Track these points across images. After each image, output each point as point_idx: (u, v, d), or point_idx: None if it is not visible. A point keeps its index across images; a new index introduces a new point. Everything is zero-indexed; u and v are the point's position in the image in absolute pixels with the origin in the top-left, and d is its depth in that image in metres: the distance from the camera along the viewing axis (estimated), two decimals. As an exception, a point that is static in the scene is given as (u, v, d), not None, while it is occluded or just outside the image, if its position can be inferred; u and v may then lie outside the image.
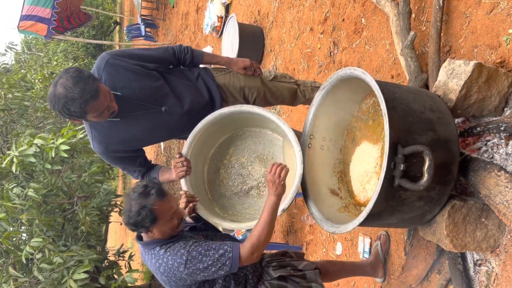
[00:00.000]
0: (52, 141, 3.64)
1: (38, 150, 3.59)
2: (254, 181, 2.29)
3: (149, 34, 11.71)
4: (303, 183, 1.96)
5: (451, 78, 1.69)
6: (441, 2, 2.00)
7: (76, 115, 1.75)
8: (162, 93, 1.98)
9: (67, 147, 3.59)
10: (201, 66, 2.23)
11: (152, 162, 2.25)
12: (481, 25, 1.87)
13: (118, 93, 1.86)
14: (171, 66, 2.12)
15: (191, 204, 1.96)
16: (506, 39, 1.73)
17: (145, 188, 1.65)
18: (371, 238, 2.55)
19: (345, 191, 2.05)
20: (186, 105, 2.05)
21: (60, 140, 3.61)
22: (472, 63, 1.63)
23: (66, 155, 3.64)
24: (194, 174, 2.10)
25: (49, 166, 3.69)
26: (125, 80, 1.89)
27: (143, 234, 1.74)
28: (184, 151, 2.04)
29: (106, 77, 1.86)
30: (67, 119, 1.87)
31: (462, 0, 1.98)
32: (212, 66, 2.31)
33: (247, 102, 2.19)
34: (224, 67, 2.22)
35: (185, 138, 2.10)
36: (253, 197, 2.28)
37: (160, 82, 1.98)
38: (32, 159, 3.51)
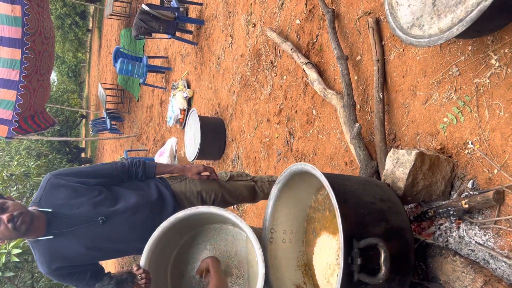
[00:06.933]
0: (4, 247, 3.48)
1: (-14, 258, 3.39)
2: (219, 280, 2.21)
3: (115, 126, 11.84)
4: (268, 281, 1.91)
5: (397, 167, 1.77)
6: (380, 95, 2.16)
7: None
8: (103, 206, 1.98)
9: (19, 251, 3.44)
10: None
11: (114, 265, 2.17)
12: (419, 114, 2.01)
13: (49, 210, 1.88)
14: (125, 180, 2.16)
15: None
16: (443, 127, 1.86)
17: (116, 279, 1.72)
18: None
19: (310, 285, 2.01)
20: (124, 209, 2.03)
21: (12, 244, 3.46)
22: (414, 152, 1.72)
23: (17, 260, 3.47)
24: (156, 284, 2.01)
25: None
26: (64, 197, 1.93)
27: None
28: (142, 262, 1.97)
29: (45, 197, 1.92)
30: None
31: (400, 92, 2.14)
32: (167, 175, 2.35)
33: (205, 204, 2.20)
34: (179, 175, 2.27)
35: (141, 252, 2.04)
36: (221, 297, 2.18)
37: (102, 196, 1.99)
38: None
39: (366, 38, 2.43)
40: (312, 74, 2.77)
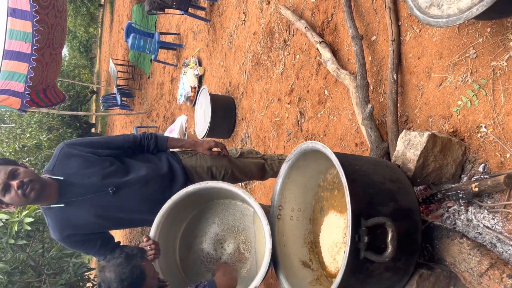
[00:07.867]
0: (17, 215, 3.56)
1: (1, 225, 3.49)
2: (227, 255, 2.26)
3: (125, 103, 11.88)
4: (274, 256, 1.94)
5: (408, 148, 1.77)
6: (395, 76, 2.14)
7: None
8: (114, 176, 2.00)
9: (31, 219, 3.51)
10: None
11: (122, 239, 2.21)
12: (433, 97, 1.99)
13: (60, 178, 1.91)
14: (136, 152, 2.17)
15: None
16: (457, 110, 1.84)
17: (126, 253, 1.74)
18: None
19: (316, 262, 2.04)
20: (135, 181, 2.04)
21: (24, 212, 3.54)
22: (426, 134, 1.71)
23: (30, 228, 3.55)
24: (165, 255, 2.05)
25: (12, 241, 3.57)
26: (76, 167, 1.96)
27: None
28: (151, 233, 2.01)
29: (58, 165, 1.95)
30: None
31: (414, 74, 2.12)
32: (178, 149, 2.36)
33: (215, 180, 2.22)
34: (190, 149, 2.28)
35: (150, 223, 2.07)
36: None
37: (113, 167, 2.01)
38: (-6, 234, 3.41)
39: (382, 17, 2.39)
40: (326, 54, 2.74)
